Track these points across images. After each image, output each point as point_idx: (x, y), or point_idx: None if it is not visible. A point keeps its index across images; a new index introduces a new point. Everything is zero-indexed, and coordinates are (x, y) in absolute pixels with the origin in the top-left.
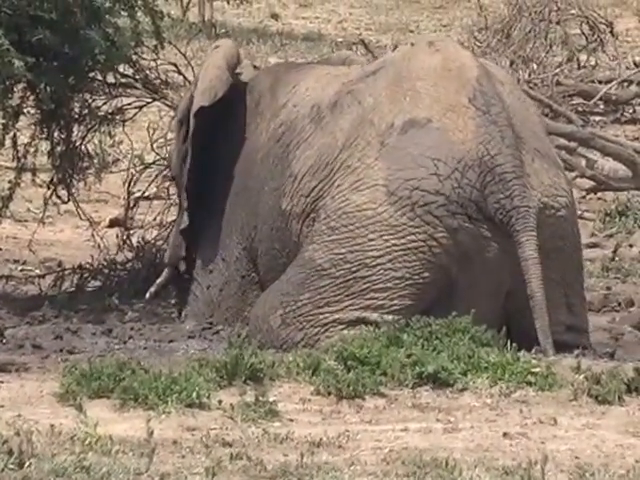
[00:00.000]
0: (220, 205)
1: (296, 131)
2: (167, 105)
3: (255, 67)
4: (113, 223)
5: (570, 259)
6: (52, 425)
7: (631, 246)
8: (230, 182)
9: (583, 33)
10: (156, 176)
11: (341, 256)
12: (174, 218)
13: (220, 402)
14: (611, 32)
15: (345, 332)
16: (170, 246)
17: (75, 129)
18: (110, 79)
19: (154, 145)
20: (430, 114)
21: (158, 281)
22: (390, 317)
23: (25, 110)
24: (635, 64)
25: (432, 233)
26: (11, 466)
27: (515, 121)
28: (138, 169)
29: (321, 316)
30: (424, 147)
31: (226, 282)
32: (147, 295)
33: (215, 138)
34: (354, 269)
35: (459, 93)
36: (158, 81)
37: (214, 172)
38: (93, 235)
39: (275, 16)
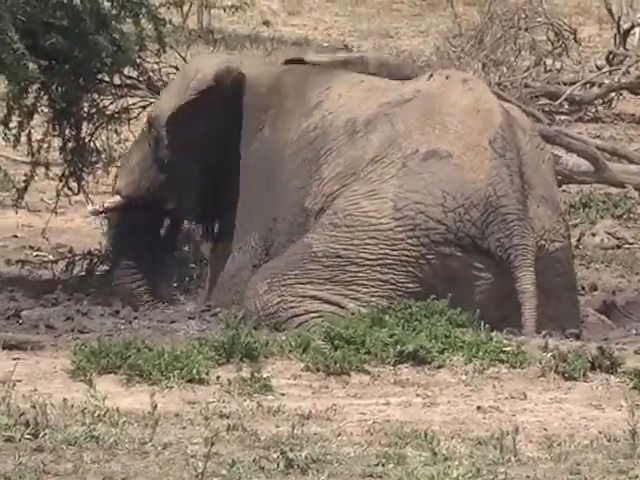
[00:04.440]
0: (242, 195)
1: (329, 138)
2: None
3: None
4: None
5: (564, 295)
6: (64, 399)
7: (594, 235)
8: (253, 173)
9: (549, 39)
10: None
11: (335, 251)
12: None
13: (218, 378)
14: (574, 38)
15: (318, 306)
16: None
17: (84, 127)
18: (116, 80)
19: None
20: (452, 149)
21: None
22: (364, 310)
23: (39, 109)
24: (597, 67)
25: (425, 253)
26: (27, 436)
27: (527, 168)
28: None
29: (301, 290)
30: (438, 178)
31: (239, 268)
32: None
33: (229, 134)
34: (344, 263)
35: (482, 135)
36: (160, 83)
37: (231, 164)
38: (101, 224)
39: (267, 23)
